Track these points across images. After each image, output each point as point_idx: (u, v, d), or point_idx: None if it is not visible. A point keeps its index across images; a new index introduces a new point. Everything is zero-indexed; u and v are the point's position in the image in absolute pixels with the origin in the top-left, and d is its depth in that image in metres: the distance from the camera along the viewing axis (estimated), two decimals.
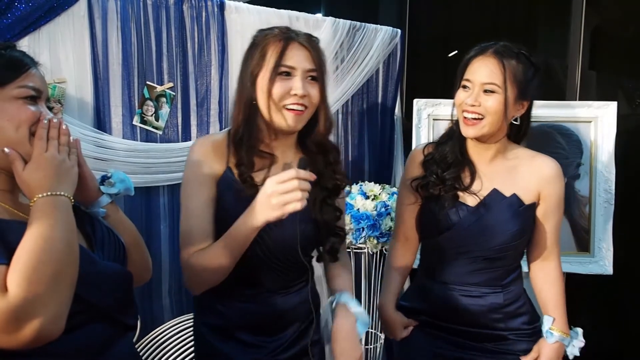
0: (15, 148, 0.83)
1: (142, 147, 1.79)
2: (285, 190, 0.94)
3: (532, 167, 1.32)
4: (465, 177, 1.32)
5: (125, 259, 0.99)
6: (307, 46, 1.09)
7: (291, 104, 1.07)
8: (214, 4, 1.96)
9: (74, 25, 1.69)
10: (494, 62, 1.22)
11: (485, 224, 1.28)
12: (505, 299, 1.32)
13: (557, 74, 2.50)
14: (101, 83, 1.74)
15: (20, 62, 0.86)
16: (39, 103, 0.88)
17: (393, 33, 2.53)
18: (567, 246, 2.15)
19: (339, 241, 1.21)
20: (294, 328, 1.20)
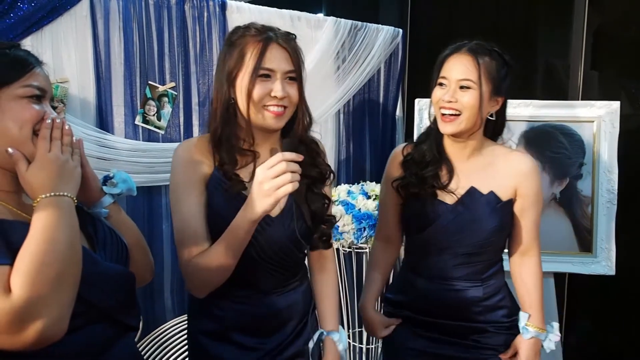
0: (19, 148, 0.83)
1: (144, 146, 1.79)
2: (275, 174, 0.94)
3: (508, 163, 1.34)
4: (443, 175, 1.34)
5: (127, 259, 0.99)
6: (285, 47, 1.09)
7: (271, 105, 1.07)
8: (215, 4, 1.96)
9: (77, 25, 1.70)
10: (469, 59, 1.26)
11: (464, 221, 1.31)
12: (485, 292, 1.35)
13: (559, 74, 2.50)
14: (103, 83, 1.75)
15: (25, 61, 0.86)
16: (43, 102, 0.87)
17: (394, 33, 2.54)
18: (569, 246, 2.15)
19: (329, 226, 1.21)
20: (290, 328, 1.20)
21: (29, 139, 0.84)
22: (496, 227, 1.32)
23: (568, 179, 2.15)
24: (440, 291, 1.35)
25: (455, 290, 1.34)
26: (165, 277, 1.89)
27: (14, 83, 0.83)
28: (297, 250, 1.17)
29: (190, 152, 1.12)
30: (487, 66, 1.26)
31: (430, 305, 1.37)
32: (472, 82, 1.25)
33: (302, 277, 1.25)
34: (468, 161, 1.35)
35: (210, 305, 1.17)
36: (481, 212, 1.31)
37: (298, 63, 1.10)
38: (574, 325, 2.48)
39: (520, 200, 1.35)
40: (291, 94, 1.09)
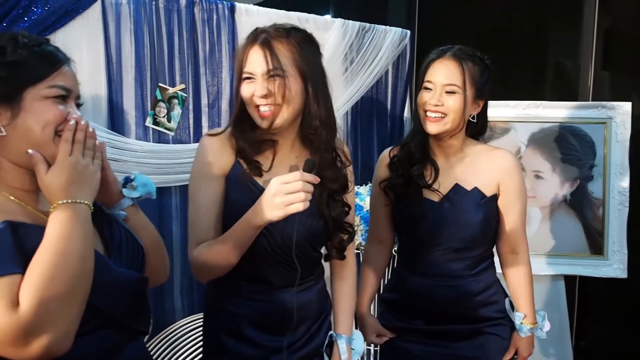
0: (40, 149, 0.82)
1: (155, 147, 1.81)
2: (290, 191, 0.96)
3: (490, 160, 1.39)
4: (428, 174, 1.39)
5: (143, 263, 0.98)
6: (263, 46, 1.08)
7: (259, 106, 1.09)
8: (224, 7, 1.98)
9: (89, 28, 1.72)
10: (454, 65, 1.31)
11: (450, 217, 1.35)
12: (476, 287, 1.39)
13: (569, 75, 2.48)
14: (115, 85, 1.77)
15: (53, 60, 0.85)
16: (68, 102, 0.86)
17: (402, 34, 2.53)
18: (580, 249, 2.13)
19: (347, 239, 1.22)
20: (304, 327, 1.21)
21: (51, 140, 0.83)
22: (482, 222, 1.36)
23: (579, 180, 2.13)
24: (433, 287, 1.38)
25: (448, 286, 1.38)
26: (175, 278, 1.90)
27: (39, 83, 0.82)
28: (311, 248, 1.18)
29: (213, 143, 1.15)
30: (471, 71, 1.32)
31: (423, 303, 1.40)
32: (457, 87, 1.31)
33: (317, 276, 1.26)
34: (451, 160, 1.41)
35: (224, 301, 1.19)
36: (466, 208, 1.36)
37: (279, 59, 1.07)
38: (585, 328, 2.46)
39: (503, 195, 1.39)
40: (275, 91, 1.07)
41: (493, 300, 1.43)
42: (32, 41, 0.85)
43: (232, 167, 1.14)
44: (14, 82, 0.81)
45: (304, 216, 1.13)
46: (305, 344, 1.21)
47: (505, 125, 2.19)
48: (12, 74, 0.81)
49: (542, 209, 2.15)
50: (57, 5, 1.64)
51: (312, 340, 1.22)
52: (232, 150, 1.14)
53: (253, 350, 1.17)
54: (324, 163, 1.17)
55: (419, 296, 1.41)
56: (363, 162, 2.52)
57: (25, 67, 0.82)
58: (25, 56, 0.82)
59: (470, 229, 1.36)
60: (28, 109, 0.81)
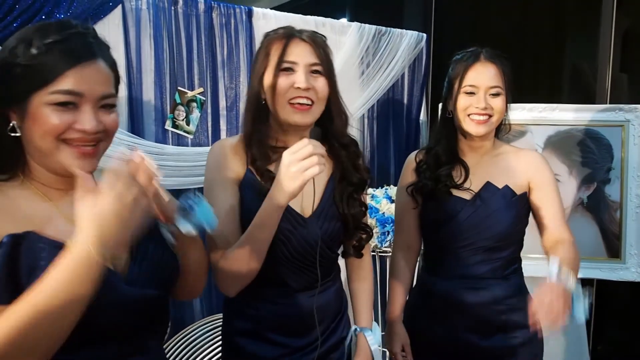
0: (44, 157, 0.79)
1: (174, 150, 1.84)
2: (302, 157, 0.95)
3: (518, 159, 1.41)
4: (458, 174, 1.40)
5: (168, 281, 0.92)
6: (308, 41, 1.09)
7: (296, 98, 1.07)
8: (242, 12, 2.00)
9: (109, 33, 1.75)
10: (493, 66, 1.34)
11: (481, 215, 1.35)
12: (508, 290, 1.37)
13: (586, 77, 2.46)
14: (135, 89, 1.80)
15: (63, 59, 0.76)
16: (82, 107, 0.78)
17: (419, 37, 2.54)
18: (597, 252, 2.11)
19: (366, 237, 1.23)
20: (323, 327, 1.21)
21: (54, 151, 0.78)
22: (513, 220, 1.36)
23: (596, 183, 2.11)
24: (460, 290, 1.36)
25: (477, 288, 1.35)
26: None
27: (43, 88, 0.76)
28: (329, 251, 1.18)
29: (224, 151, 1.14)
30: (507, 73, 1.36)
31: (450, 307, 1.37)
32: (501, 89, 1.34)
33: (335, 276, 1.26)
34: (482, 159, 1.42)
35: (244, 305, 1.19)
36: (498, 206, 1.36)
37: (324, 57, 1.10)
38: (602, 332, 2.43)
39: (536, 190, 1.39)
40: (317, 86, 1.08)
41: (523, 305, 1.26)
42: (54, 34, 0.77)
43: (244, 174, 1.13)
44: (21, 85, 0.76)
45: (321, 220, 1.14)
46: (323, 343, 1.21)
47: (521, 128, 2.18)
48: (20, 76, 0.76)
49: None
50: (79, 11, 1.68)
51: (329, 338, 1.22)
52: (244, 158, 1.13)
53: (273, 349, 1.17)
54: (345, 160, 1.18)
55: (445, 301, 1.38)
56: (379, 165, 2.53)
57: (31, 70, 0.76)
58: (33, 57, 0.76)
59: (501, 226, 1.35)
60: (32, 114, 0.77)
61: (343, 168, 1.18)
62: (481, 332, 1.36)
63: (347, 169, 1.18)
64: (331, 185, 1.18)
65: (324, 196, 1.17)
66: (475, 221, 1.35)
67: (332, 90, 1.13)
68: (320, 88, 1.09)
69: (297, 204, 1.12)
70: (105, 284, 0.76)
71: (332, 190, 1.18)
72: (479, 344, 1.36)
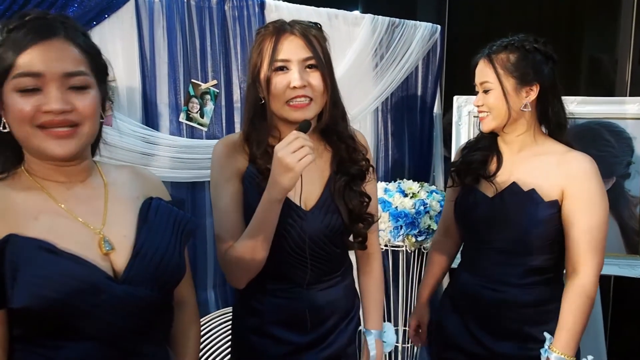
0: (26, 146, 0.80)
1: (188, 143, 1.83)
2: (294, 149, 0.97)
3: (560, 162, 1.29)
4: (492, 165, 1.38)
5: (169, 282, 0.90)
6: (300, 35, 1.07)
7: (293, 99, 1.06)
8: (254, 4, 1.99)
9: (123, 26, 1.75)
10: (484, 63, 1.34)
11: (498, 215, 1.32)
12: (524, 299, 1.30)
13: (606, 69, 2.41)
14: (149, 81, 1.80)
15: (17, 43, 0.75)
16: (47, 87, 0.76)
17: (433, 29, 2.50)
18: (616, 248, 2.07)
19: (365, 226, 1.20)
20: (331, 323, 1.19)
21: (31, 138, 0.78)
22: (533, 226, 1.27)
23: (615, 178, 2.07)
24: (477, 287, 1.37)
25: (492, 289, 1.34)
26: (208, 271, 1.93)
27: (8, 75, 0.75)
28: (332, 245, 1.16)
29: (227, 148, 1.15)
30: (504, 62, 1.30)
31: (466, 302, 1.39)
32: (490, 83, 1.31)
33: (344, 272, 1.24)
34: (518, 157, 1.36)
35: (251, 300, 1.19)
36: (518, 209, 1.29)
37: (317, 50, 1.07)
38: (619, 330, 2.40)
39: (567, 203, 1.26)
40: (313, 82, 1.07)
41: (545, 320, 1.28)
42: (15, 22, 0.77)
43: (245, 170, 1.13)
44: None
45: (322, 213, 1.13)
46: (332, 342, 1.19)
47: None
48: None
49: None
50: (92, 4, 1.68)
51: (338, 338, 1.20)
52: (245, 155, 1.14)
53: (278, 347, 1.16)
54: (343, 152, 1.17)
55: (463, 294, 1.40)
56: (393, 159, 2.51)
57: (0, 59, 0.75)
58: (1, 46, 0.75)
59: (518, 231, 1.28)
60: (6, 105, 0.77)
61: (340, 160, 1.17)
62: (492, 333, 1.34)
63: (344, 161, 1.17)
64: (333, 178, 1.18)
65: (326, 189, 1.16)
66: (491, 220, 1.34)
67: (329, 83, 1.10)
68: (316, 83, 1.08)
69: (298, 197, 1.11)
70: (91, 280, 0.77)
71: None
72: (491, 346, 1.34)
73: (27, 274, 0.74)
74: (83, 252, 0.80)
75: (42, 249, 0.76)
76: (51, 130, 0.78)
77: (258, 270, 1.09)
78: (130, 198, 0.92)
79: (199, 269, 1.90)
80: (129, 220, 0.89)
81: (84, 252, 0.80)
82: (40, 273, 0.75)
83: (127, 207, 0.90)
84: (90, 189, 0.88)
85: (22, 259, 0.75)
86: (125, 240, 0.86)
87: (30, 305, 0.74)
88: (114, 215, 0.88)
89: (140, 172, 1.01)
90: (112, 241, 0.84)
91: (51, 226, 0.80)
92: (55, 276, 0.75)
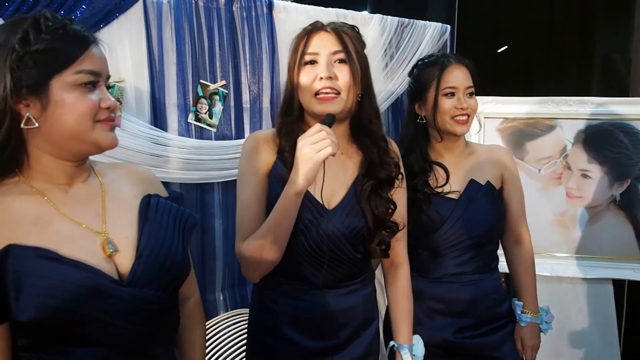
0: (76, 139, 0.79)
1: (197, 144, 1.82)
2: (315, 141, 0.98)
3: (490, 154, 1.48)
4: (439, 178, 1.42)
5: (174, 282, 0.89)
6: (331, 31, 1.10)
7: (321, 90, 1.08)
8: (262, 4, 1.98)
9: (131, 27, 1.74)
10: (464, 68, 1.42)
11: (470, 213, 1.39)
12: (494, 284, 1.45)
13: (619, 69, 2.38)
14: (157, 82, 1.79)
15: (78, 42, 0.79)
16: (99, 87, 0.81)
17: (442, 29, 2.48)
18: (629, 252, 2.04)
19: (389, 234, 1.18)
20: (347, 333, 1.17)
21: (89, 131, 0.80)
22: (498, 215, 1.44)
23: (629, 180, 2.04)
24: (451, 289, 1.40)
25: (467, 285, 1.39)
26: (217, 273, 1.92)
27: (65, 70, 0.77)
28: (352, 248, 1.14)
29: (255, 142, 1.16)
30: (474, 73, 1.44)
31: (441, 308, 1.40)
32: (473, 88, 1.42)
33: (365, 280, 1.21)
34: (459, 159, 1.46)
35: (267, 299, 1.19)
36: (484, 202, 1.41)
37: (349, 46, 1.09)
38: (633, 335, 2.36)
39: (506, 186, 1.48)
40: (340, 75, 1.08)
41: (504, 297, 1.49)
42: (55, 23, 0.79)
43: (272, 165, 1.13)
44: (39, 72, 0.76)
45: (344, 213, 1.11)
46: (348, 352, 1.17)
47: (550, 122, 2.12)
48: (36, 63, 0.76)
49: (589, 209, 2.07)
50: (101, 5, 1.68)
51: (355, 348, 1.18)
52: (274, 149, 1.15)
53: (291, 350, 1.15)
54: (374, 156, 1.16)
55: (436, 302, 1.41)
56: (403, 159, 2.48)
57: (50, 54, 0.77)
58: (49, 42, 0.77)
59: (489, 222, 1.41)
60: (57, 99, 0.77)
61: (370, 162, 1.16)
62: (472, 329, 1.39)
63: (374, 164, 1.16)
64: (359, 180, 1.16)
65: (350, 190, 1.15)
66: (466, 220, 1.38)
67: (359, 79, 1.10)
68: (344, 77, 1.08)
69: (320, 194, 1.10)
70: (96, 286, 0.76)
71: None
72: (470, 342, 1.39)
73: (31, 285, 0.73)
74: (86, 256, 0.79)
75: (43, 258, 0.75)
76: (108, 122, 0.83)
77: (270, 268, 1.09)
78: (127, 197, 0.91)
79: (208, 270, 1.89)
80: (128, 220, 0.88)
81: (87, 256, 0.79)
82: (44, 283, 0.74)
83: (126, 207, 0.89)
84: (90, 189, 0.87)
85: (24, 270, 0.73)
86: (127, 241, 0.85)
87: (36, 317, 0.73)
88: (113, 215, 0.86)
89: (135, 169, 1.00)
90: (114, 242, 0.83)
91: (51, 232, 0.79)
92: (59, 284, 0.74)
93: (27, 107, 0.77)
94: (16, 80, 0.75)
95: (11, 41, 0.76)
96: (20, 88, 0.76)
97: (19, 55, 0.75)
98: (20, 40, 0.76)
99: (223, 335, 1.77)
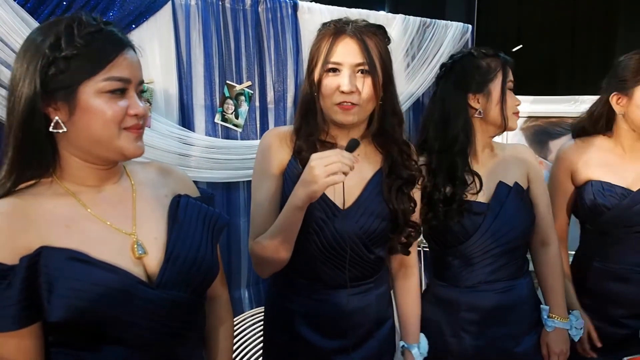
0: (102, 145, 0.80)
1: (223, 143, 1.86)
2: (328, 163, 0.94)
3: (514, 154, 1.42)
4: (473, 183, 1.33)
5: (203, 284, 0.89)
6: (356, 38, 1.05)
7: (340, 101, 1.06)
8: (287, 5, 2.01)
9: (160, 29, 1.78)
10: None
11: (502, 219, 1.32)
12: (529, 287, 1.39)
13: None
14: (185, 83, 1.83)
15: (108, 48, 0.78)
16: (129, 93, 0.80)
17: (464, 29, 2.48)
18: None
19: (415, 234, 1.20)
20: (360, 332, 1.17)
21: (114, 139, 0.80)
22: (529, 217, 1.37)
23: None
24: (488, 297, 1.33)
25: (504, 291, 1.34)
26: (242, 270, 1.96)
27: (94, 77, 0.77)
28: (365, 249, 1.13)
29: (272, 140, 1.16)
30: None
31: (479, 318, 1.33)
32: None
33: (378, 279, 1.21)
34: (485, 159, 1.39)
35: (281, 298, 1.20)
36: (516, 204, 1.34)
37: (372, 55, 1.06)
38: None
39: (532, 185, 1.40)
40: (362, 89, 1.06)
41: (539, 302, 1.41)
42: (89, 26, 0.78)
43: (287, 164, 1.13)
44: (68, 77, 0.76)
45: (358, 213, 1.12)
46: (363, 350, 1.17)
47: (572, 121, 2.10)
48: (65, 69, 0.76)
49: None
50: (132, 8, 1.72)
51: (369, 346, 1.18)
52: (290, 146, 1.14)
53: (306, 349, 1.16)
54: (397, 156, 1.16)
55: (474, 312, 1.33)
56: None
57: (79, 61, 0.76)
58: (80, 48, 0.76)
59: (523, 224, 1.35)
60: (84, 105, 0.77)
61: (392, 162, 1.16)
62: (515, 337, 1.34)
63: (396, 164, 1.16)
64: (376, 181, 1.16)
65: (365, 191, 1.14)
66: (498, 227, 1.31)
67: (381, 89, 1.09)
68: (365, 90, 1.06)
69: (334, 194, 1.10)
70: (125, 287, 0.77)
71: (377, 186, 1.15)
72: (513, 350, 1.33)
73: (61, 287, 0.74)
74: (115, 258, 0.80)
75: (74, 260, 0.76)
76: (134, 130, 0.82)
77: (280, 266, 1.10)
78: (158, 197, 0.91)
79: (233, 267, 1.93)
80: (158, 221, 0.88)
81: (116, 258, 0.80)
82: (74, 285, 0.75)
83: (156, 207, 0.89)
84: (121, 191, 0.88)
85: (55, 272, 0.75)
86: (156, 243, 0.85)
87: (66, 317, 0.75)
88: (143, 217, 0.87)
89: (167, 168, 1.00)
90: (144, 244, 0.84)
91: (83, 234, 0.80)
92: (89, 287, 0.76)
93: (56, 110, 0.78)
94: (45, 84, 0.76)
95: (43, 45, 0.76)
96: (49, 92, 0.77)
97: (49, 60, 0.76)
98: (52, 45, 0.76)
99: (248, 332, 1.80)
